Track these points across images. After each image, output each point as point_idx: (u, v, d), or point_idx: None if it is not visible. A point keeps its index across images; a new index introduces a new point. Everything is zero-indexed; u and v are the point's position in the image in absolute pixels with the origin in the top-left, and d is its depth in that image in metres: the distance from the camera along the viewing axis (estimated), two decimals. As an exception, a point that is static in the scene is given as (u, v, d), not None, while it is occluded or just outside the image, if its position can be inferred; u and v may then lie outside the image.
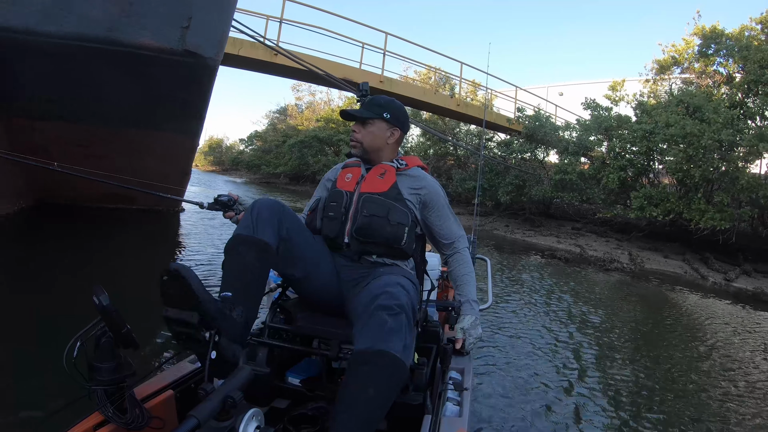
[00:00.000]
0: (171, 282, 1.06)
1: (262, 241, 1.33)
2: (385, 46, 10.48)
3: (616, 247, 10.27)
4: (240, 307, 1.17)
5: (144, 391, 1.26)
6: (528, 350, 3.46)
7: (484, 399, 2.61)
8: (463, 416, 1.37)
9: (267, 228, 1.35)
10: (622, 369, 3.32)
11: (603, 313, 4.94)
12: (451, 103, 12.18)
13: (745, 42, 10.33)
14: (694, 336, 4.56)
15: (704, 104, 8.89)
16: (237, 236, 1.34)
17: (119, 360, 1.08)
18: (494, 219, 13.19)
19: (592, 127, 11.58)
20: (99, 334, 1.06)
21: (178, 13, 4.85)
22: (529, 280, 6.31)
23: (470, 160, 14.54)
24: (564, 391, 2.83)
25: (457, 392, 1.51)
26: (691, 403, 2.89)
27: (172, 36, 4.87)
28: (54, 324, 2.74)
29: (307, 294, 1.57)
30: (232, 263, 1.31)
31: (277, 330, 1.59)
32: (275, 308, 1.64)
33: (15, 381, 2.28)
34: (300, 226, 1.49)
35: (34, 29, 4.48)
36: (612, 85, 13.29)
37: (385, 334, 1.21)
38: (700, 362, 3.74)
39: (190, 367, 1.46)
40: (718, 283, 8.00)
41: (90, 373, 1.06)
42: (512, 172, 12.58)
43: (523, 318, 4.30)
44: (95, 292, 1.02)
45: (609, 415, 2.59)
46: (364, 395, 1.15)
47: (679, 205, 8.63)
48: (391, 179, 1.64)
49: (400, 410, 1.34)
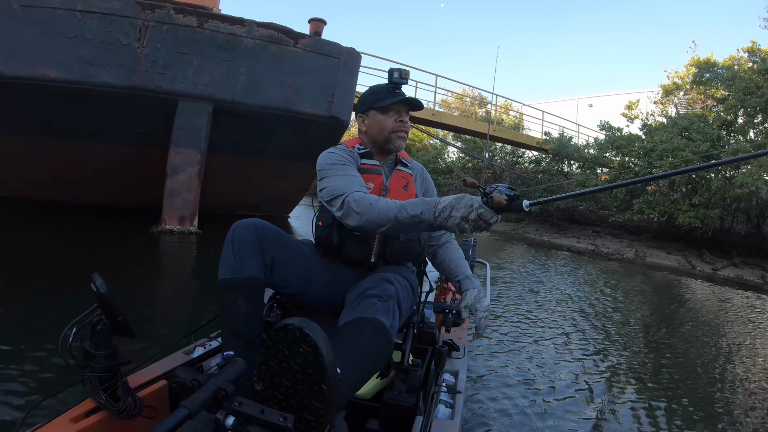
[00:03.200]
0: (288, 347, 0.96)
1: (250, 279, 1.35)
2: (435, 83, 13.62)
3: (627, 245, 12.84)
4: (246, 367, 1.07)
5: (137, 380, 1.31)
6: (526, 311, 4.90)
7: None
8: (454, 419, 1.39)
9: (252, 261, 1.36)
10: (596, 322, 4.90)
11: (587, 284, 7.73)
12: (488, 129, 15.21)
13: (732, 72, 12.94)
14: (662, 301, 7.16)
15: (690, 125, 11.61)
16: (223, 282, 1.35)
17: (114, 348, 1.12)
18: (525, 224, 16.00)
19: (606, 145, 14.40)
20: (95, 321, 1.09)
21: (326, 93, 8.00)
22: (543, 265, 9.19)
23: (504, 173, 17.43)
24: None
25: (450, 395, 1.53)
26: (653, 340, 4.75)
27: (323, 106, 7.99)
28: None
29: (303, 303, 1.57)
30: (225, 315, 1.33)
31: (273, 325, 1.55)
32: (272, 303, 1.68)
33: (6, 365, 2.33)
34: (282, 245, 1.47)
35: (240, 101, 7.67)
36: (628, 105, 15.98)
37: (373, 311, 1.29)
38: (665, 321, 5.71)
39: (184, 357, 1.53)
40: (705, 272, 10.61)
41: (84, 360, 1.10)
42: (541, 186, 15.43)
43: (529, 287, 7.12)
44: (93, 279, 1.07)
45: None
46: (353, 344, 1.17)
47: (671, 207, 11.38)
48: (413, 190, 1.67)
49: (391, 411, 1.41)
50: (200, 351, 1.61)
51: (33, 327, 2.90)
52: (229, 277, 1.34)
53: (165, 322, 3.38)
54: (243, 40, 7.50)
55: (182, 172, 7.39)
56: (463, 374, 1.71)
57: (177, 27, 7.26)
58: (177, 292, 4.49)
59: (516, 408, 2.62)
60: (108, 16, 7.05)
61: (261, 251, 1.39)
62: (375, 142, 1.64)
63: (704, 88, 13.31)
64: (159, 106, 7.31)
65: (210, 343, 1.67)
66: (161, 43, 7.20)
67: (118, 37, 7.10)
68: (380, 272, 1.49)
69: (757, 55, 12.84)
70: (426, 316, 1.88)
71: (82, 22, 7.00)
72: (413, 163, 1.76)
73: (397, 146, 1.64)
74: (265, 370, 0.99)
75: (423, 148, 22.64)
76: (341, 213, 1.42)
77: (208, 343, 1.67)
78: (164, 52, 7.22)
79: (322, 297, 1.54)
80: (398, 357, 1.58)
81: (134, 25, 7.13)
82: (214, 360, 1.61)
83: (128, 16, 7.12)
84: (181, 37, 7.26)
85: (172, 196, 7.37)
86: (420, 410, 1.39)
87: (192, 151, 7.43)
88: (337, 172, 1.50)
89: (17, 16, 6.86)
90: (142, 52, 7.16)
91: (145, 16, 7.15)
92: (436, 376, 1.65)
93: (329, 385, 0.92)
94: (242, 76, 7.53)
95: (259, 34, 7.58)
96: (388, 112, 1.60)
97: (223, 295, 1.34)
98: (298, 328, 0.92)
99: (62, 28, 6.91)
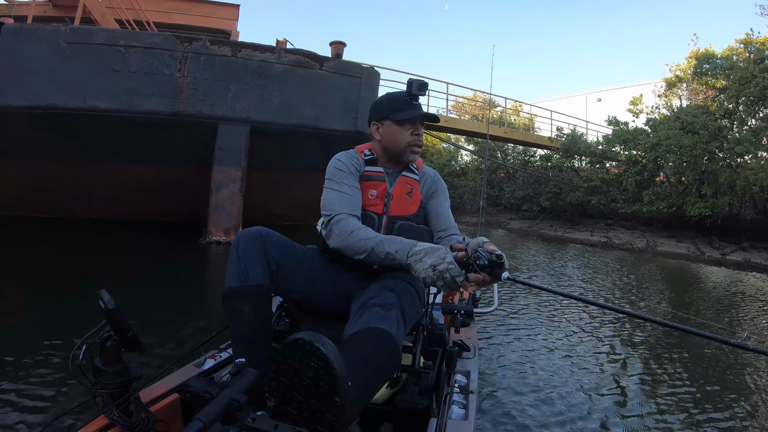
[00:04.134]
0: (298, 361, 0.96)
1: (256, 286, 1.40)
2: (447, 91, 14.45)
3: (638, 236, 13.45)
4: (257, 370, 1.13)
5: (149, 395, 1.34)
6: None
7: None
8: (469, 419, 1.41)
9: (257, 268, 1.40)
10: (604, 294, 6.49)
11: (593, 269, 8.50)
12: (499, 131, 16.02)
13: (730, 62, 13.53)
14: (671, 281, 7.98)
15: (694, 120, 12.24)
16: (230, 290, 1.39)
17: (125, 364, 1.13)
18: (540, 221, 16.70)
19: (613, 140, 15.08)
20: (105, 337, 1.11)
21: (351, 110, 8.83)
22: (554, 257, 9.92)
23: (518, 173, 18.18)
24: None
25: (463, 395, 1.55)
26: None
27: (349, 123, 8.79)
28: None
29: (311, 309, 1.61)
30: (233, 323, 1.38)
31: (282, 334, 1.65)
32: (280, 312, 1.71)
33: (21, 383, 2.35)
34: (286, 251, 1.51)
35: (274, 121, 8.50)
36: (632, 101, 16.62)
37: (378, 320, 1.29)
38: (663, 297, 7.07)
39: (195, 370, 1.56)
40: (714, 257, 11.24)
41: (96, 377, 1.12)
42: (551, 183, 16.13)
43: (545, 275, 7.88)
44: (101, 296, 1.08)
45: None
46: (361, 355, 1.18)
47: (679, 199, 12.04)
48: (418, 197, 1.69)
49: (405, 414, 1.43)
50: (211, 363, 1.65)
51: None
52: (236, 285, 1.39)
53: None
54: (274, 66, 8.35)
55: (225, 188, 8.24)
56: (474, 374, 1.74)
57: (213, 57, 8.11)
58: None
59: (532, 399, 2.66)
60: (150, 50, 7.89)
61: (266, 258, 1.44)
62: (388, 151, 1.68)
63: (705, 79, 13.93)
64: (200, 129, 8.17)
65: (220, 354, 1.72)
66: (200, 72, 8.05)
67: (161, 69, 7.94)
68: (382, 280, 1.49)
69: (752, 46, 13.43)
70: (435, 318, 1.91)
71: (126, 56, 7.83)
72: (425, 170, 1.79)
73: (411, 159, 1.68)
74: (277, 386, 0.99)
75: (437, 152, 23.43)
76: (324, 232, 1.54)
77: (218, 355, 1.71)
78: (203, 81, 8.07)
79: (328, 301, 1.58)
80: (409, 360, 1.59)
81: (174, 57, 7.98)
82: (225, 369, 1.65)
83: (168, 49, 7.97)
84: (217, 66, 8.10)
85: (217, 210, 8.21)
86: (433, 412, 1.40)
87: (233, 168, 8.28)
88: (333, 186, 1.58)
89: (66, 53, 7.69)
90: (183, 82, 8.01)
91: (184, 48, 8.00)
92: (447, 378, 1.67)
93: (342, 397, 0.94)
94: (275, 98, 8.37)
95: (288, 59, 8.42)
96: (405, 125, 1.63)
97: (231, 303, 1.39)
98: (308, 341, 0.94)
99: (108, 63, 7.72)
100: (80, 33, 7.81)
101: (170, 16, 11.80)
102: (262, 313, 1.41)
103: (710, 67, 14.09)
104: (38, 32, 7.63)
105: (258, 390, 1.11)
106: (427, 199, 1.72)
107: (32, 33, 7.60)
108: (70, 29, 7.82)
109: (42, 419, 2.03)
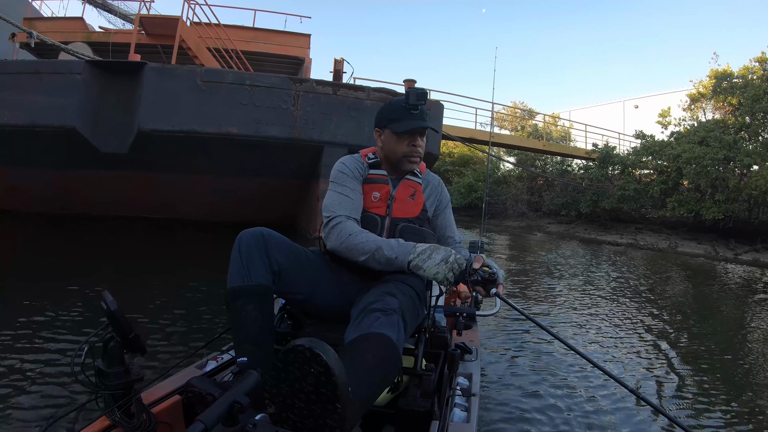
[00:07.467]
0: (299, 368, 1.01)
1: (259, 285, 1.44)
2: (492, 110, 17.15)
3: (663, 239, 15.52)
4: (259, 370, 1.18)
5: (151, 396, 1.37)
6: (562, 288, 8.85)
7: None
8: (471, 422, 1.45)
9: (260, 269, 1.46)
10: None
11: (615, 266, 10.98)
12: (539, 144, 18.63)
13: (745, 81, 15.67)
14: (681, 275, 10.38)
15: (708, 134, 14.52)
16: (232, 290, 1.44)
17: (127, 365, 1.16)
18: (576, 225, 19.15)
19: (641, 151, 17.49)
20: (107, 338, 1.14)
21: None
22: (584, 255, 12.45)
23: (556, 181, 20.68)
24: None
25: (465, 398, 1.59)
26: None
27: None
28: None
29: (313, 310, 1.67)
30: (236, 322, 1.41)
31: (285, 337, 1.70)
32: (282, 314, 1.75)
33: (22, 384, 2.39)
34: (288, 252, 1.57)
35: (366, 145, 11.00)
36: (661, 113, 18.92)
37: (378, 326, 1.32)
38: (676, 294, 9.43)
39: (196, 371, 1.59)
40: (727, 257, 12.89)
41: (98, 378, 1.14)
42: (589, 191, 18.64)
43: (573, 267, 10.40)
44: (103, 297, 1.11)
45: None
46: (361, 360, 1.20)
47: (697, 205, 14.46)
48: (421, 200, 1.76)
49: (407, 417, 1.46)
50: (213, 364, 1.71)
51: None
52: (238, 284, 1.45)
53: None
54: (364, 102, 11.20)
55: (328, 196, 11.19)
56: (477, 377, 1.79)
57: (319, 95, 11.03)
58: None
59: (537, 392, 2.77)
60: (270, 89, 10.68)
61: (268, 258, 1.50)
62: (387, 159, 1.78)
63: (723, 96, 16.23)
64: (309, 150, 11.05)
65: (222, 356, 1.77)
66: (309, 107, 10.94)
67: (280, 104, 10.84)
68: (383, 284, 1.54)
69: (767, 63, 15.56)
70: (437, 320, 1.94)
71: (252, 93, 10.72)
72: (429, 175, 1.88)
73: (409, 169, 1.77)
74: (277, 393, 1.04)
75: (480, 161, 25.94)
76: (324, 233, 1.63)
77: (220, 357, 1.77)
78: (312, 113, 10.92)
79: (331, 303, 1.65)
80: (411, 362, 1.63)
81: (289, 94, 10.87)
82: (227, 370, 1.71)
83: (284, 88, 10.85)
84: (322, 102, 10.99)
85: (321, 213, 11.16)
86: (435, 415, 1.43)
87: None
88: (336, 189, 1.68)
89: (202, 89, 10.32)
90: (297, 114, 10.89)
91: (296, 88, 10.93)
92: (449, 380, 1.71)
93: (343, 403, 0.98)
94: (365, 127, 11.16)
95: (375, 96, 11.28)
96: (402, 136, 1.71)
97: (233, 303, 1.44)
98: (308, 348, 0.98)
99: (237, 97, 10.38)
100: (213, 73, 10.47)
101: (250, 45, 14.43)
102: (265, 313, 1.46)
103: (728, 87, 16.23)
104: (176, 72, 10.12)
105: (260, 391, 1.12)
106: (431, 209, 1.83)
107: (172, 72, 10.10)
108: (204, 70, 10.55)
109: (43, 420, 2.05)
